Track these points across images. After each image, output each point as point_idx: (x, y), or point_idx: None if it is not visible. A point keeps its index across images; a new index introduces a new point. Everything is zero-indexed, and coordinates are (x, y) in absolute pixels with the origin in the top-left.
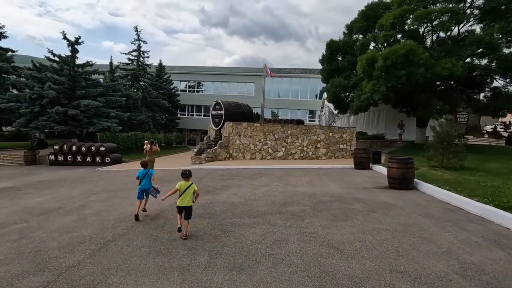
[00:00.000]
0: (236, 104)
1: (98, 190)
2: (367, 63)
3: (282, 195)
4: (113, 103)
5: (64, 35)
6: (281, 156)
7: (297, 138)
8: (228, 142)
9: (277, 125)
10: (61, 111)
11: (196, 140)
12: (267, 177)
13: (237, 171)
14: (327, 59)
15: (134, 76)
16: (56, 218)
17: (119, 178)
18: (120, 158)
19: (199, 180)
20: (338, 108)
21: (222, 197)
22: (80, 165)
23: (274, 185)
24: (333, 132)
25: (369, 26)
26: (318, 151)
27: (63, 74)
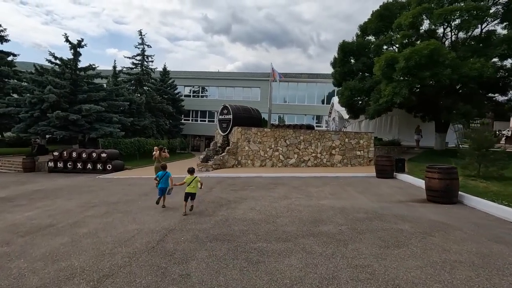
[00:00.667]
0: (244, 108)
1: (96, 202)
2: (386, 64)
3: (308, 211)
4: (115, 108)
5: (66, 37)
6: (293, 164)
7: (310, 144)
8: (236, 148)
9: (289, 130)
10: (62, 115)
11: (200, 146)
12: (284, 187)
13: (249, 179)
14: (340, 61)
15: (138, 81)
16: (44, 239)
17: (121, 187)
18: (122, 165)
19: (208, 191)
20: (351, 113)
21: (238, 212)
22: (81, 172)
23: (294, 198)
24: (349, 137)
25: (385, 26)
26: (333, 158)
27: (64, 77)
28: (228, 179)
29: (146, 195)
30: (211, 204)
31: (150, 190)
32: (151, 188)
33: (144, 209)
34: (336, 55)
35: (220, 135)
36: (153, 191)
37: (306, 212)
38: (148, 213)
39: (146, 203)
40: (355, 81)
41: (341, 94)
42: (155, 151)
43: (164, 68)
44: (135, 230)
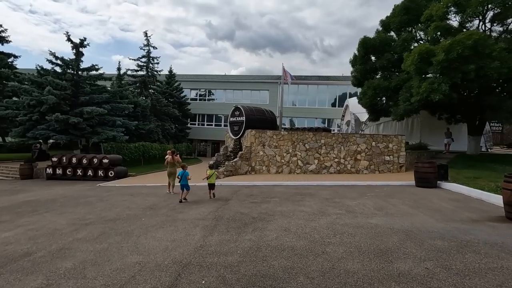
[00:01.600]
0: (258, 109)
1: (92, 219)
2: (419, 58)
3: (362, 234)
4: (119, 111)
5: (68, 36)
6: (314, 170)
7: (332, 148)
8: (249, 153)
9: (308, 133)
10: (61, 118)
11: (207, 151)
12: (313, 199)
13: (268, 189)
14: (361, 58)
15: (143, 83)
16: (9, 280)
17: (122, 198)
18: (126, 172)
19: (224, 204)
20: (373, 114)
21: (269, 235)
22: (81, 179)
23: (334, 214)
24: (377, 141)
25: (411, 20)
26: (359, 164)
27: (65, 78)
28: (244, 189)
29: (151, 208)
30: (232, 222)
31: (156, 201)
32: (157, 199)
33: (149, 229)
34: (357, 53)
35: (231, 139)
36: (160, 203)
37: (360, 237)
38: (154, 236)
39: (151, 220)
40: (379, 79)
41: (363, 93)
42: (168, 155)
43: (170, 70)
44: (137, 264)
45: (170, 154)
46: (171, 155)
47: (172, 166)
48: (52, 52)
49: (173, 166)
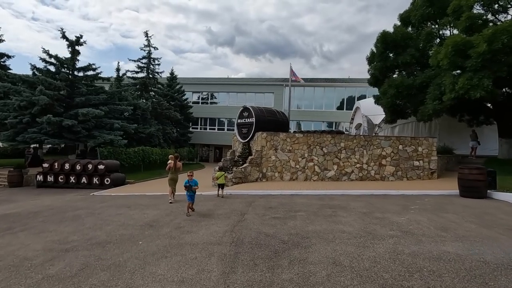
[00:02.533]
0: (268, 110)
1: (76, 241)
2: (453, 50)
3: (450, 272)
4: (118, 113)
5: (63, 33)
6: (333, 177)
7: (353, 152)
8: (260, 158)
9: (326, 136)
10: (54, 121)
11: (209, 156)
12: (348, 213)
13: (287, 199)
14: (380, 55)
15: (143, 85)
16: None
17: (118, 211)
18: (123, 179)
19: (240, 219)
20: (393, 115)
21: (317, 274)
22: (74, 187)
23: (387, 236)
24: (404, 144)
25: (435, 13)
26: (384, 170)
27: (59, 78)
28: (259, 199)
29: (151, 226)
30: (258, 249)
31: (157, 216)
32: (158, 212)
33: (147, 259)
34: (374, 49)
35: (239, 142)
36: (161, 218)
37: (451, 277)
38: (154, 272)
39: (150, 244)
40: (402, 77)
41: (383, 93)
42: (171, 160)
43: (172, 72)
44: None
45: (173, 159)
46: (174, 160)
47: (174, 172)
48: (45, 50)
49: (176, 172)
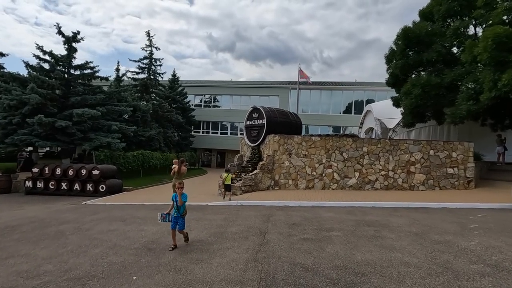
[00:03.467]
0: (280, 111)
1: (48, 273)
2: (494, 44)
3: None
4: (116, 114)
5: (59, 28)
6: (354, 185)
7: (378, 158)
8: (272, 163)
9: (347, 139)
10: (46, 121)
11: (212, 161)
12: (394, 233)
13: (311, 213)
14: (401, 52)
15: (144, 86)
16: None
17: (110, 226)
18: (120, 185)
19: (262, 242)
20: (416, 118)
21: None
22: (66, 194)
23: (473, 272)
24: (436, 149)
25: (462, 6)
26: (412, 178)
27: (54, 76)
28: (276, 211)
29: (150, 250)
30: None
31: (157, 233)
32: (158, 228)
33: None
34: (394, 46)
35: (247, 146)
36: (162, 238)
37: None
38: None
39: (148, 282)
40: (428, 75)
41: (406, 93)
42: (175, 164)
43: (174, 74)
44: None
45: (177, 163)
46: (178, 165)
47: (179, 177)
48: (39, 46)
49: (179, 177)
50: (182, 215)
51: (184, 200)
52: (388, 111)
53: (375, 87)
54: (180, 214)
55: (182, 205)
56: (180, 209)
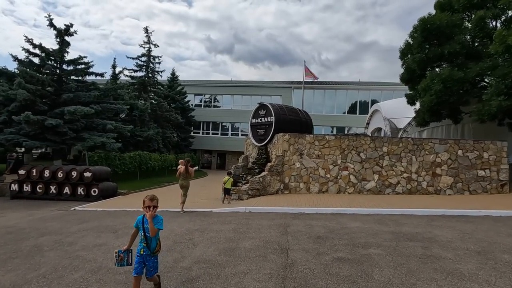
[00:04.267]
0: (290, 108)
1: None
2: None
3: None
4: (111, 113)
5: (50, 20)
6: (373, 189)
7: (399, 159)
8: (282, 165)
9: (365, 138)
10: (34, 120)
11: (212, 163)
12: (448, 251)
13: (333, 222)
14: (419, 45)
15: (142, 85)
16: None
17: (98, 239)
18: (115, 189)
19: (287, 266)
20: (434, 116)
21: None
22: (54, 198)
23: None
24: (465, 149)
25: None
26: (438, 181)
27: (44, 71)
28: (292, 220)
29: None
30: None
31: None
32: None
33: None
34: (409, 39)
35: (253, 146)
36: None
37: None
38: None
39: None
40: (450, 69)
41: (425, 89)
42: (181, 164)
43: (173, 73)
44: None
45: (183, 164)
46: (184, 165)
47: (184, 178)
48: (28, 39)
49: (186, 179)
50: (153, 253)
51: (159, 227)
52: (397, 111)
53: (381, 87)
54: (151, 251)
55: (155, 235)
56: (151, 243)
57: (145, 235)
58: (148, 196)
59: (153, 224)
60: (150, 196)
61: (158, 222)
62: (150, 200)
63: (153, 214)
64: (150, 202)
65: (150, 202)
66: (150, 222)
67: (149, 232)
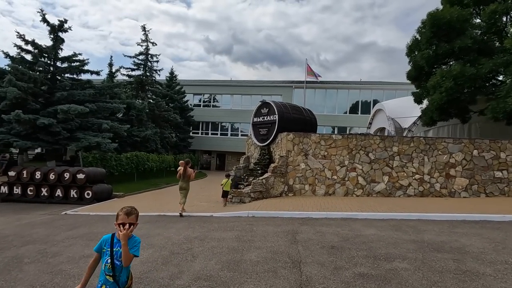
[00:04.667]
0: (293, 106)
1: None
2: None
3: None
4: (107, 112)
5: (43, 15)
6: (383, 191)
7: (410, 159)
8: (285, 166)
9: (374, 138)
10: (25, 119)
11: (211, 164)
12: (481, 264)
13: (346, 229)
14: (427, 41)
15: (140, 83)
16: None
17: (85, 250)
18: (110, 191)
19: (302, 283)
20: (443, 115)
21: None
22: (46, 201)
23: None
24: (480, 148)
25: None
26: (453, 182)
27: (37, 68)
28: (301, 226)
29: None
30: None
31: (146, 263)
32: (149, 254)
33: None
34: (417, 35)
35: (255, 146)
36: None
37: None
38: None
39: None
40: (461, 65)
41: (434, 87)
42: (180, 166)
43: (171, 72)
44: None
45: (183, 165)
46: (184, 166)
47: (183, 180)
48: (20, 35)
49: (185, 180)
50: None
51: (134, 254)
52: (402, 110)
53: (383, 86)
54: (120, 285)
55: (128, 265)
56: (120, 276)
57: (113, 264)
58: (124, 208)
59: (128, 248)
60: (126, 209)
61: (134, 246)
62: (126, 215)
63: (128, 234)
64: (126, 217)
65: (126, 218)
66: (124, 245)
67: (120, 259)
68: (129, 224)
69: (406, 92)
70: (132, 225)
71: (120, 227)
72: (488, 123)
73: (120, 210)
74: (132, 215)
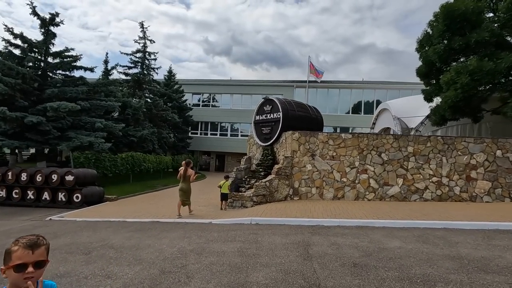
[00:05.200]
0: (298, 104)
1: None
2: None
3: None
4: (101, 110)
5: (33, 8)
6: (397, 195)
7: (427, 160)
8: (290, 167)
9: (387, 137)
10: (12, 117)
11: (210, 164)
12: None
13: (364, 240)
14: (440, 35)
15: (137, 82)
16: None
17: (64, 265)
18: (101, 194)
19: None
20: (457, 113)
21: None
22: (32, 205)
23: None
24: (504, 148)
25: None
26: (474, 186)
27: (26, 64)
28: (312, 237)
29: None
30: None
31: (133, 282)
32: (137, 271)
33: None
34: (429, 29)
35: (257, 146)
36: None
37: None
38: None
39: None
40: (479, 60)
41: (449, 83)
42: (182, 166)
43: (170, 70)
44: None
45: (184, 165)
46: (184, 167)
47: (184, 181)
48: (8, 28)
49: (185, 182)
50: None
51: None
52: (408, 109)
53: (386, 85)
54: None
55: None
56: None
57: None
58: (22, 239)
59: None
60: (28, 240)
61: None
62: (29, 249)
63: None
64: (29, 252)
65: (29, 254)
66: None
67: None
68: (35, 263)
69: (411, 92)
70: (41, 265)
71: (24, 276)
72: (500, 123)
73: (15, 243)
74: (40, 248)
